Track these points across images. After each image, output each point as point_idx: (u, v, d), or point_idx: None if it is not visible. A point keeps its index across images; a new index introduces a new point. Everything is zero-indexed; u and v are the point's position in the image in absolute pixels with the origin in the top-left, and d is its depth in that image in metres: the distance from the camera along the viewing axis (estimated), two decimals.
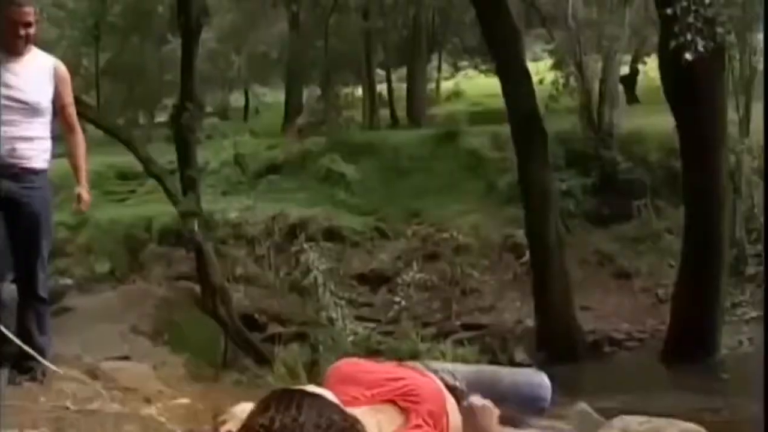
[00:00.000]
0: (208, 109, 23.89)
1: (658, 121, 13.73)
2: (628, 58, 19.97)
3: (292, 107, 23.16)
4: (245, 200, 15.41)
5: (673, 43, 8.15)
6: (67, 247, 13.00)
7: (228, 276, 11.42)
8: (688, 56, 8.05)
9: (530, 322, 11.59)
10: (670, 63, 9.46)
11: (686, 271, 10.36)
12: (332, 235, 14.71)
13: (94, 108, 13.99)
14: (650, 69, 19.02)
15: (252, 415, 1.70)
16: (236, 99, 29.51)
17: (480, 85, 27.16)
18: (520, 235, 13.24)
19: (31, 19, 3.80)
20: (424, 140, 17.32)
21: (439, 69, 29.52)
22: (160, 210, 14.22)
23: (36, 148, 3.87)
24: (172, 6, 13.71)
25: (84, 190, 4.06)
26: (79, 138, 4.12)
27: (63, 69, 4.04)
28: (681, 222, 11.07)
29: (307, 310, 12.10)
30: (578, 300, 11.83)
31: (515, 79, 11.61)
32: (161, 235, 14.62)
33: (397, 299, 13.39)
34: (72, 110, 4.10)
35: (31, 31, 3.80)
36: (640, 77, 21.43)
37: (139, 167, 12.85)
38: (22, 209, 3.80)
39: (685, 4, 8.02)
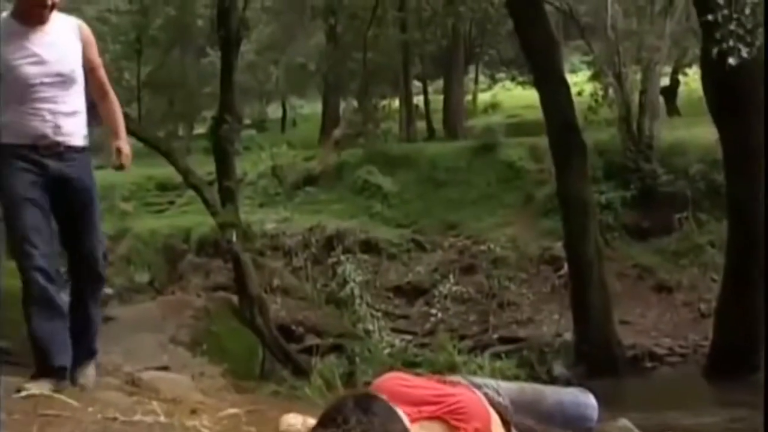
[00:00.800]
0: (246, 120, 24.13)
1: (700, 133, 13.54)
2: (668, 69, 19.73)
3: (329, 119, 23.29)
4: (282, 212, 15.53)
5: (715, 50, 8.03)
6: (108, 256, 13.16)
7: (265, 287, 11.47)
8: (731, 61, 7.92)
9: (569, 336, 11.46)
10: (713, 74, 9.33)
11: (729, 285, 10.17)
12: (369, 247, 14.73)
13: (135, 120, 14.20)
14: (691, 80, 18.80)
15: (323, 423, 1.71)
16: (274, 110, 29.77)
17: (517, 96, 27.07)
18: (558, 247, 13.13)
19: None
20: (461, 152, 17.28)
21: (476, 81, 29.49)
22: (198, 221, 14.38)
23: (77, 123, 3.61)
24: (212, 19, 13.88)
25: (124, 143, 3.75)
26: (115, 103, 3.80)
27: (87, 29, 3.71)
28: (724, 235, 10.89)
29: (344, 322, 12.13)
30: (618, 314, 11.68)
31: (553, 90, 11.53)
32: (199, 246, 14.77)
33: (434, 312, 13.37)
34: (102, 72, 3.76)
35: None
36: (680, 89, 21.17)
37: (177, 178, 13.01)
38: (73, 185, 3.56)
39: (726, 12, 7.91)
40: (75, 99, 3.58)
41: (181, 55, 24.56)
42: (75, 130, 3.57)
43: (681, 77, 21.13)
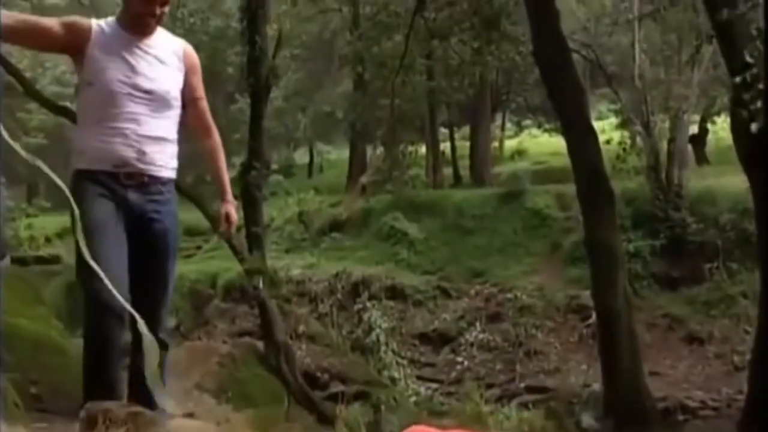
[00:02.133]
0: (273, 165, 24.36)
1: (729, 182, 13.44)
2: (696, 117, 19.68)
3: (356, 165, 23.44)
4: (308, 257, 15.56)
5: (744, 113, 7.95)
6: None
7: (290, 333, 11.44)
8: (753, 127, 7.85)
9: (597, 387, 11.26)
10: (744, 124, 9.25)
11: (763, 337, 9.93)
12: (395, 293, 14.68)
13: None
14: (720, 129, 18.72)
15: None
16: (301, 156, 30.03)
17: (543, 143, 27.12)
18: (585, 296, 12.99)
19: None
20: (488, 199, 17.28)
21: (502, 127, 29.60)
22: (225, 266, 14.44)
23: (165, 152, 3.10)
24: (242, 67, 14.12)
25: (232, 207, 3.25)
26: (217, 140, 3.33)
27: (193, 53, 3.27)
28: (756, 286, 10.69)
29: (370, 370, 12.04)
30: (648, 365, 11.47)
31: (581, 138, 11.49)
32: (225, 291, 14.80)
33: (460, 360, 13.24)
34: (205, 105, 3.31)
35: (166, 9, 3.07)
36: (709, 137, 21.08)
37: (204, 224, 13.09)
38: (152, 228, 3.05)
39: (756, 71, 7.83)
40: (165, 124, 3.10)
41: (211, 102, 24.93)
42: (162, 159, 3.08)
43: (709, 125, 21.05)
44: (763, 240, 10.12)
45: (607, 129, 19.25)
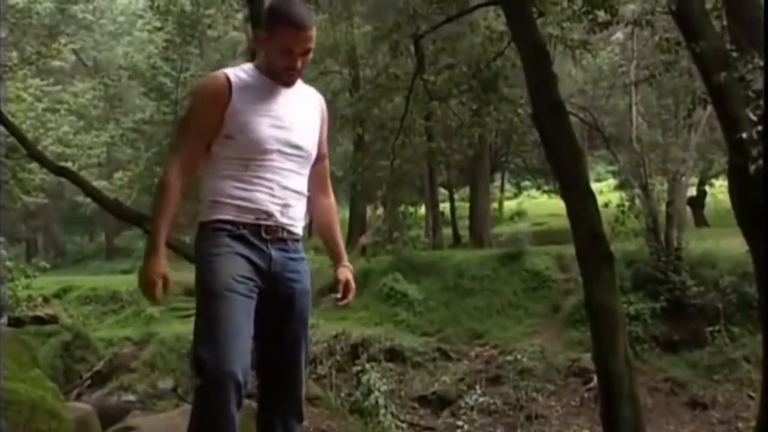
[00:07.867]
0: None
1: (729, 244, 13.44)
2: (694, 180, 19.80)
3: (356, 225, 23.47)
4: None
5: (753, 167, 7.98)
6: (132, 363, 13.13)
7: None
8: (752, 169, 7.89)
9: None
10: (741, 186, 9.29)
11: None
12: (394, 355, 14.57)
13: None
14: (718, 191, 18.82)
15: None
16: None
17: (542, 204, 27.23)
18: (586, 358, 12.89)
19: (313, 44, 2.70)
20: (487, 260, 17.26)
21: (501, 188, 29.75)
22: None
23: (302, 207, 2.86)
24: None
25: (351, 274, 2.97)
26: (333, 200, 3.07)
27: (325, 107, 2.97)
28: (759, 350, 10.62)
29: None
30: (651, 430, 11.29)
31: (579, 201, 11.51)
32: None
33: (460, 423, 13.06)
34: (327, 163, 3.02)
35: (309, 57, 2.74)
36: (708, 199, 21.18)
37: None
38: (293, 289, 2.78)
39: (760, 128, 7.89)
40: (303, 181, 2.84)
41: None
42: (299, 214, 2.83)
43: (707, 188, 21.17)
44: (764, 304, 10.06)
45: (605, 190, 19.37)
